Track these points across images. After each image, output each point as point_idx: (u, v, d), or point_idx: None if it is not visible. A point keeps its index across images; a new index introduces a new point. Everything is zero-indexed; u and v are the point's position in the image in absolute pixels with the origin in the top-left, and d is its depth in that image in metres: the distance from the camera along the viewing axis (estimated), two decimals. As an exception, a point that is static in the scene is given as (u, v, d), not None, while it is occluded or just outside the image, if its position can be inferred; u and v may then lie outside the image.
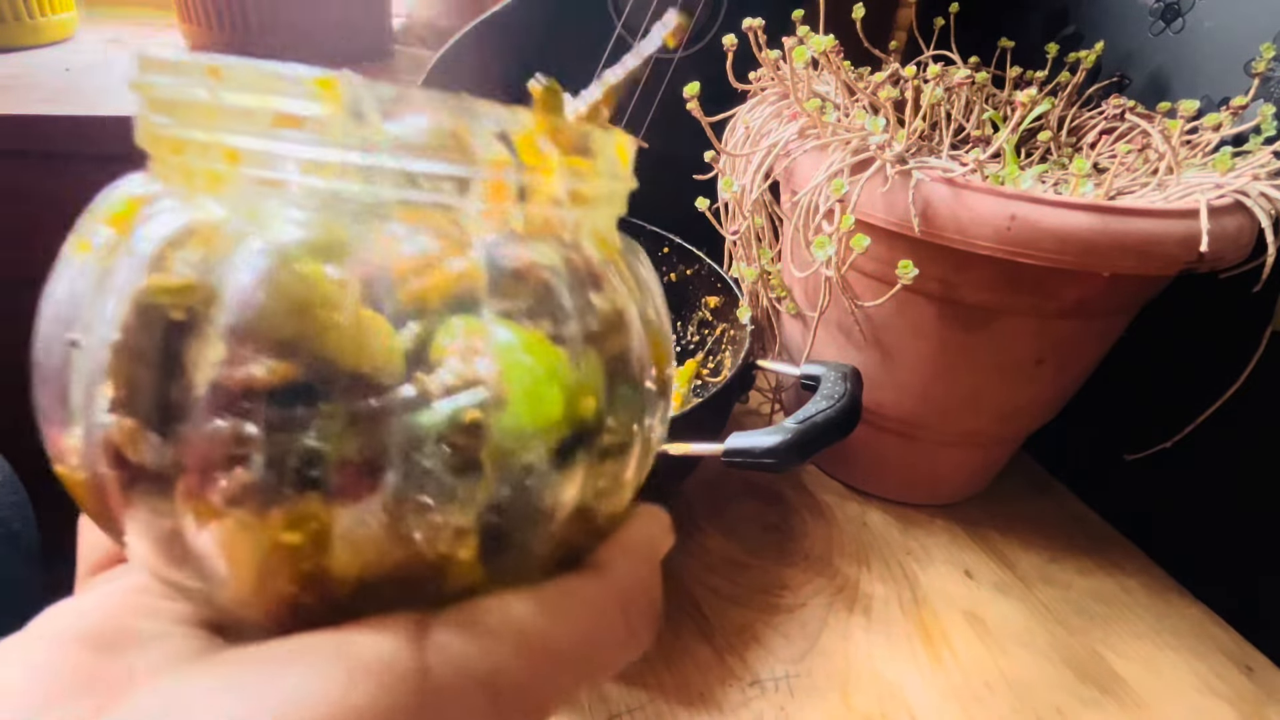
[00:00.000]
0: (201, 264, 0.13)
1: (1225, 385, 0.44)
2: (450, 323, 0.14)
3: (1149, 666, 0.45)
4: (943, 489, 0.55)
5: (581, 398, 0.15)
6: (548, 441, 0.15)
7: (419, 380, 0.14)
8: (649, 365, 0.18)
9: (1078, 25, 0.57)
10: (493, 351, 0.14)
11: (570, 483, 0.16)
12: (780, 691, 0.41)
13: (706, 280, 0.56)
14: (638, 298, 0.18)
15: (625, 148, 0.18)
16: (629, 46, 0.58)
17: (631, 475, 0.18)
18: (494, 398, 0.14)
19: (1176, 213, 0.37)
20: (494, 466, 0.14)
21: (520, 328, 0.15)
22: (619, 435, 0.17)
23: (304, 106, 0.14)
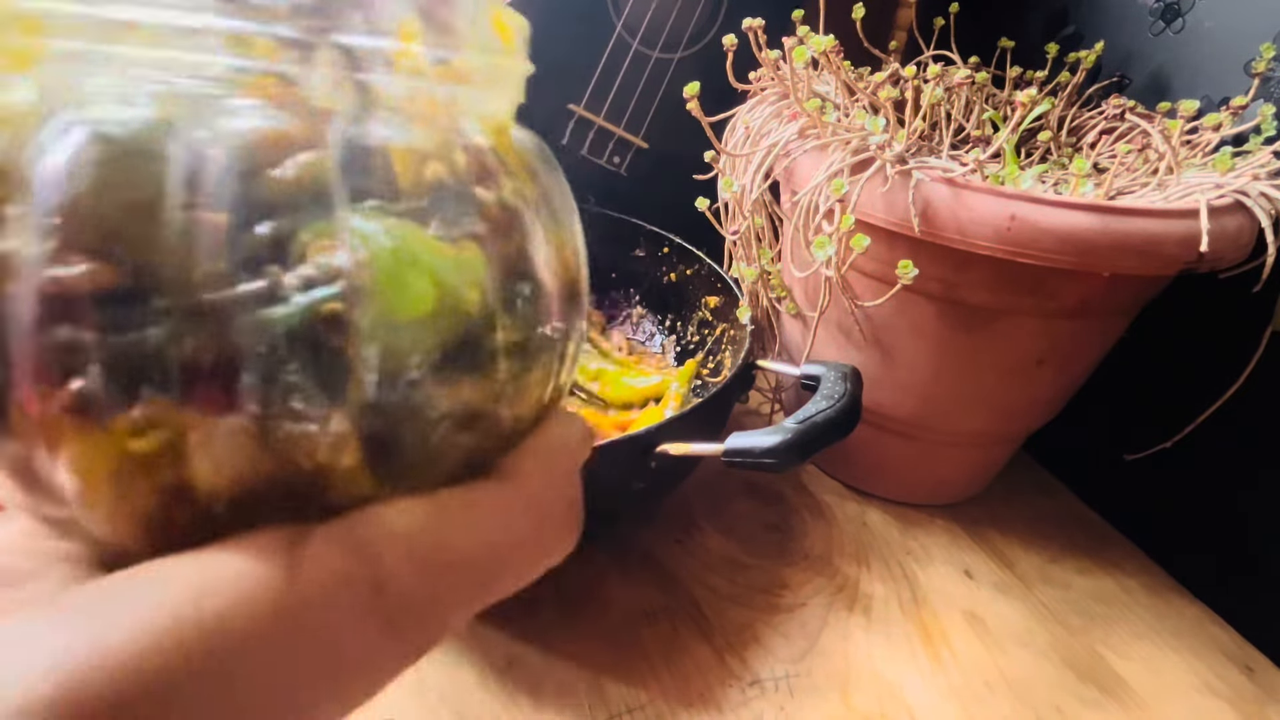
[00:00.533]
0: (6, 149, 0.12)
1: (1225, 385, 0.44)
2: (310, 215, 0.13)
3: (1149, 666, 0.45)
4: (943, 489, 0.55)
5: (462, 291, 0.14)
6: (426, 337, 0.13)
7: (270, 273, 0.12)
8: (552, 266, 0.16)
9: (1078, 25, 0.57)
10: (354, 239, 0.13)
11: (459, 383, 0.14)
12: (780, 691, 0.41)
13: (706, 280, 0.56)
14: (534, 196, 0.16)
15: (503, 20, 0.16)
16: (629, 46, 0.58)
17: (538, 378, 0.16)
18: (355, 288, 0.13)
19: (1176, 213, 0.37)
20: (365, 364, 0.13)
21: (387, 217, 0.13)
22: (516, 334, 0.15)
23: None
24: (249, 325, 0.12)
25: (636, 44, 0.58)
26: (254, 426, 0.12)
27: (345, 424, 0.13)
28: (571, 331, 0.17)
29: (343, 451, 0.13)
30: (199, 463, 0.12)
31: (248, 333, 0.12)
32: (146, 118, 0.12)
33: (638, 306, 0.62)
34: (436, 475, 0.15)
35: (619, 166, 0.62)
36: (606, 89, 0.59)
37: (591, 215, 0.60)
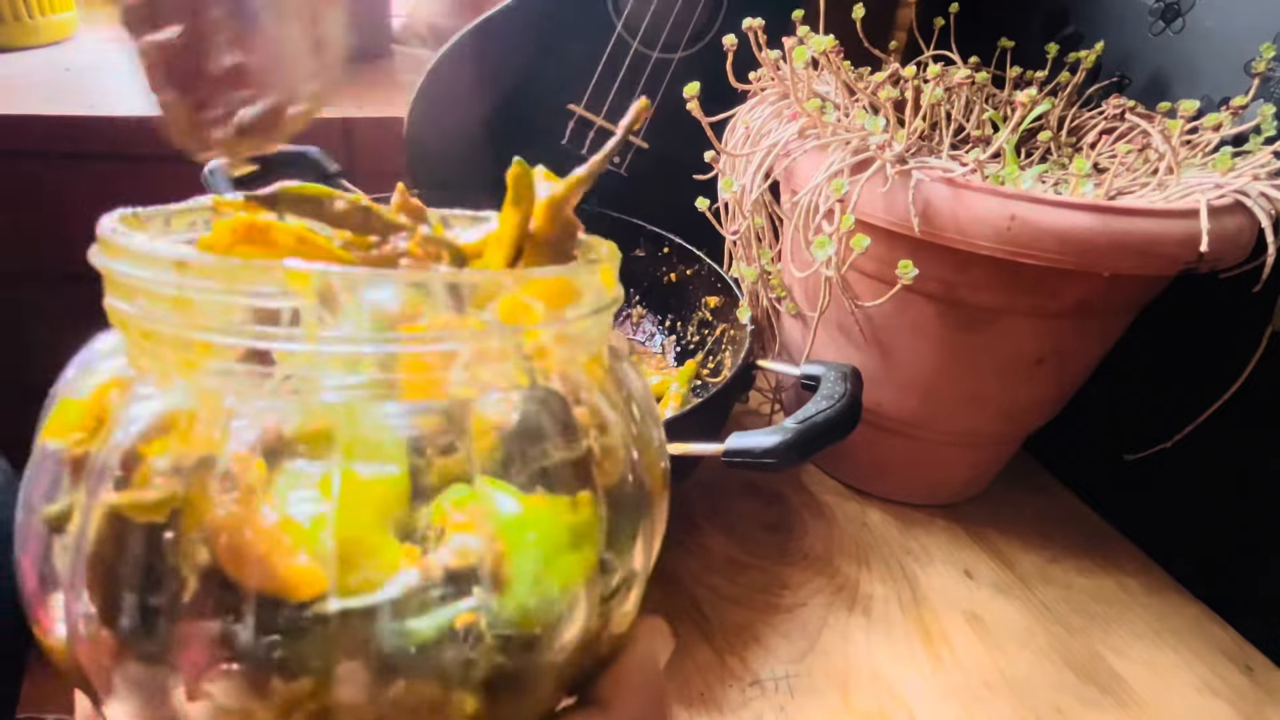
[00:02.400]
0: (178, 464, 0.13)
1: (1225, 385, 0.44)
2: (450, 490, 0.14)
3: (1149, 666, 0.45)
4: (943, 489, 0.55)
5: (583, 556, 0.15)
6: (551, 612, 0.15)
7: (415, 574, 0.14)
8: (644, 483, 0.17)
9: (1078, 25, 0.57)
10: (494, 525, 0.14)
11: (571, 633, 0.16)
12: (780, 691, 0.41)
13: (706, 280, 0.56)
14: (626, 413, 0.17)
15: (610, 270, 0.17)
16: (629, 46, 0.58)
17: (633, 604, 0.18)
18: (492, 585, 0.14)
19: (1176, 213, 0.37)
20: (491, 648, 0.14)
21: (523, 494, 0.15)
22: (620, 574, 0.17)
23: (278, 301, 0.13)
24: (394, 631, 0.13)
25: (636, 44, 0.58)
26: (385, 703, 0.14)
27: (467, 692, 0.14)
28: (659, 528, 0.19)
29: (463, 706, 0.15)
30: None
31: (392, 637, 0.13)
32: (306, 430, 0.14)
33: (638, 306, 0.62)
34: (542, 703, 0.16)
35: (619, 166, 0.62)
36: (606, 89, 0.59)
37: (591, 215, 0.60)
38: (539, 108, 0.59)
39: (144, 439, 0.13)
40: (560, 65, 0.58)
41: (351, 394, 0.14)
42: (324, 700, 0.13)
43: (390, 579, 0.14)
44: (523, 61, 0.57)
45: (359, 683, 0.13)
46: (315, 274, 0.13)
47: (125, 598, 0.13)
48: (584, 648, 0.16)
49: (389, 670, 0.14)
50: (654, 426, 0.19)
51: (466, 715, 0.15)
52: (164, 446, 0.13)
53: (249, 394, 0.14)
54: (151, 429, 0.13)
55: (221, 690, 0.13)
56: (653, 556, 0.18)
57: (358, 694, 0.13)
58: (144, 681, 0.13)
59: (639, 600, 0.18)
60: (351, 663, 0.13)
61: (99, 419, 0.14)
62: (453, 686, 0.14)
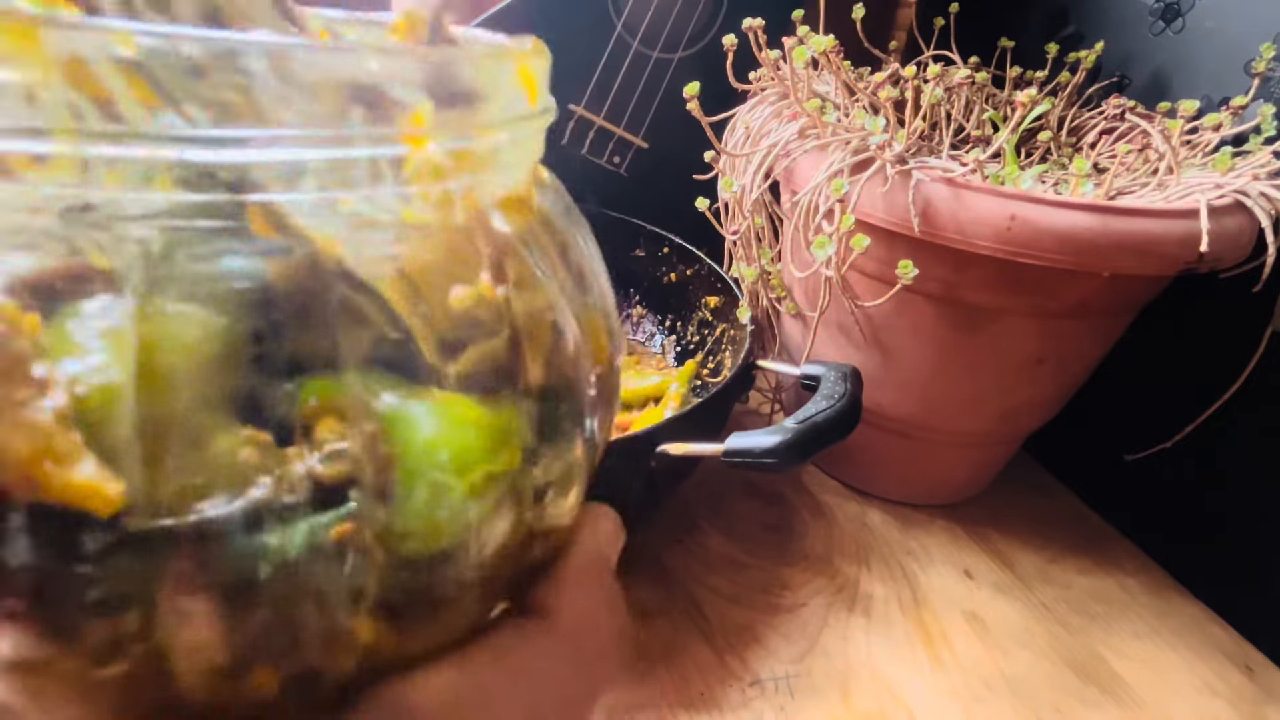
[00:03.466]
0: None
1: (1225, 385, 0.44)
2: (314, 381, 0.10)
3: (1149, 666, 0.45)
4: (943, 489, 0.55)
5: (498, 456, 0.12)
6: (455, 522, 0.12)
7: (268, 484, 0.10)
8: (586, 367, 0.14)
9: (1078, 25, 0.57)
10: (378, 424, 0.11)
11: (490, 541, 0.13)
12: (780, 691, 0.41)
13: (706, 280, 0.56)
14: (563, 275, 0.14)
15: (530, 68, 0.13)
16: (629, 46, 0.58)
17: (575, 494, 0.15)
18: (375, 495, 0.11)
19: (1176, 213, 0.37)
20: (382, 564, 0.11)
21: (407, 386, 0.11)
22: (553, 472, 0.14)
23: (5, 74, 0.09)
24: (241, 553, 0.10)
25: (636, 44, 0.58)
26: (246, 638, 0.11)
27: (354, 617, 0.11)
28: (607, 422, 0.15)
29: (355, 631, 0.12)
30: (190, 678, 0.11)
31: (239, 560, 0.10)
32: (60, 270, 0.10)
33: (638, 306, 0.62)
34: (465, 622, 0.13)
35: (619, 166, 0.62)
36: (606, 89, 0.59)
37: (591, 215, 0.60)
38: (539, 108, 0.59)
39: None
40: (560, 65, 0.58)
41: (143, 224, 0.10)
42: (154, 642, 0.10)
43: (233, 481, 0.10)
44: (523, 61, 0.57)
45: (201, 616, 0.10)
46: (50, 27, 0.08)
47: None
48: (512, 552, 0.13)
49: (241, 598, 0.10)
50: (597, 291, 0.15)
51: (364, 645, 0.12)
52: None
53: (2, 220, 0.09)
54: None
55: (8, 638, 0.10)
56: (599, 444, 0.15)
57: (202, 631, 0.10)
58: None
59: (581, 493, 0.15)
60: (185, 592, 0.10)
61: None
62: (337, 614, 0.11)
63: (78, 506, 0.09)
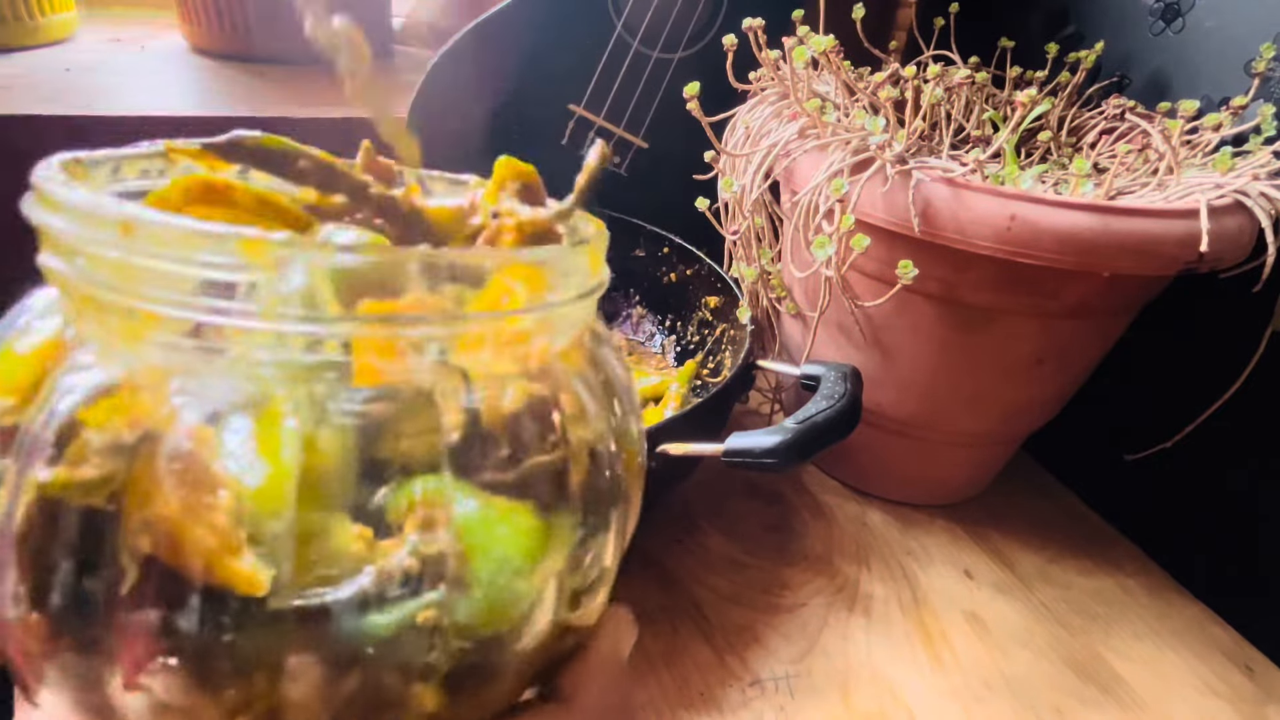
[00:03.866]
0: (118, 441, 0.12)
1: (1225, 385, 0.44)
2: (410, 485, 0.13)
3: (1149, 666, 0.45)
4: (943, 489, 0.55)
5: (551, 559, 0.14)
6: (513, 613, 0.14)
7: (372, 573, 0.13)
8: (620, 477, 0.16)
9: (1078, 25, 0.57)
10: (456, 525, 0.13)
11: (535, 631, 0.15)
12: (780, 691, 0.41)
13: (706, 280, 0.56)
14: (605, 402, 0.16)
15: (596, 252, 0.16)
16: (629, 46, 0.58)
17: (602, 599, 0.17)
18: (455, 586, 0.13)
19: (1176, 213, 0.37)
20: (453, 646, 0.14)
21: (487, 495, 0.14)
22: (591, 575, 0.16)
23: (233, 274, 0.12)
24: (351, 628, 0.13)
25: (636, 44, 0.58)
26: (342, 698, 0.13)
27: (425, 689, 0.14)
28: (630, 523, 0.18)
29: (425, 701, 0.14)
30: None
31: (348, 634, 0.13)
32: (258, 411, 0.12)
33: (638, 307, 0.62)
34: (505, 697, 0.16)
35: (619, 166, 0.62)
36: (606, 89, 0.59)
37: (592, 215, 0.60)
38: (539, 108, 0.59)
39: (82, 412, 0.12)
40: (560, 65, 0.58)
41: (309, 375, 0.13)
42: (274, 698, 0.13)
43: (345, 569, 0.13)
44: (523, 61, 0.57)
45: (312, 680, 0.13)
46: (274, 244, 0.12)
47: (58, 581, 0.12)
48: (549, 643, 0.16)
49: (344, 666, 0.13)
50: (633, 417, 0.18)
51: (426, 711, 0.14)
52: (104, 421, 0.12)
53: (197, 371, 0.12)
54: (90, 401, 0.12)
55: (162, 685, 0.12)
56: (624, 549, 0.18)
57: (310, 691, 0.13)
58: (77, 670, 0.13)
59: (608, 594, 0.18)
60: (304, 659, 0.12)
61: (33, 385, 0.13)
62: (411, 682, 0.13)
63: (237, 588, 0.12)
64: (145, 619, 0.12)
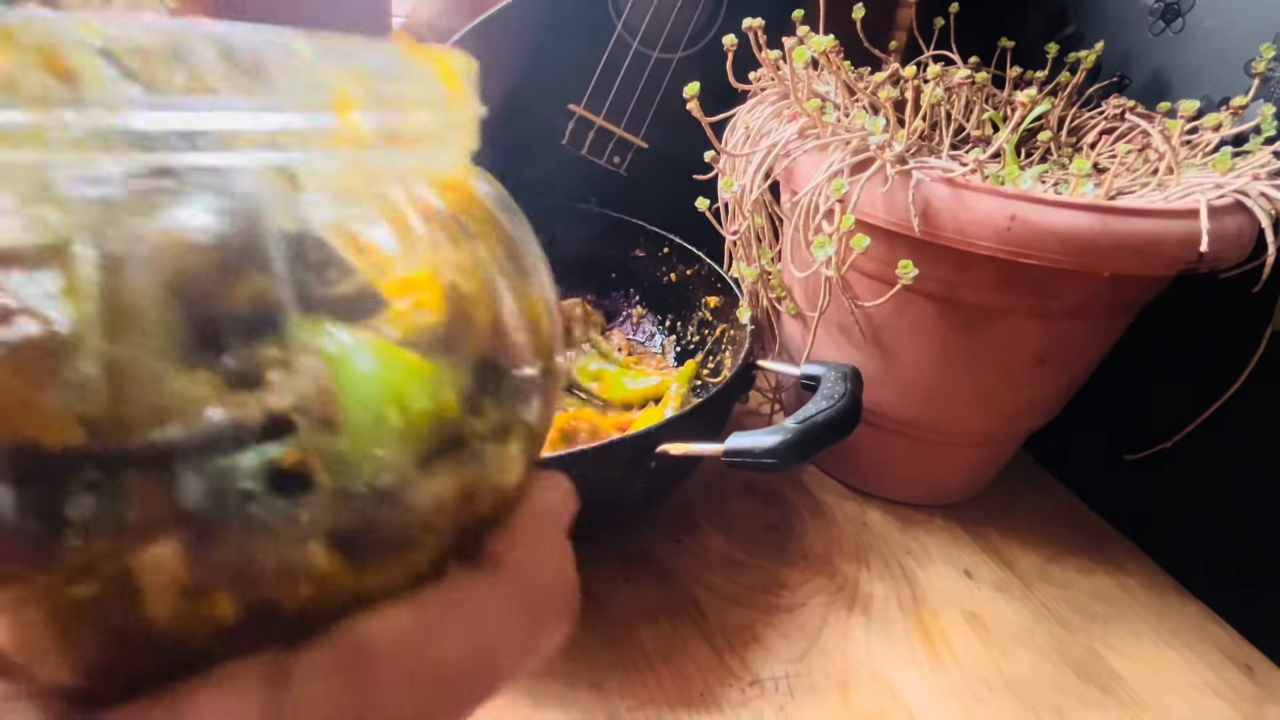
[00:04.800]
0: None
1: (1225, 385, 0.44)
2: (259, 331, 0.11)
3: (1149, 666, 0.45)
4: (943, 489, 0.55)
5: (436, 398, 0.13)
6: (397, 455, 0.13)
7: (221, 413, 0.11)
8: (525, 328, 0.15)
9: (1078, 25, 0.57)
10: (311, 358, 0.12)
11: (433, 486, 0.13)
12: (780, 691, 0.41)
13: (706, 280, 0.56)
14: (500, 255, 0.15)
15: (449, 65, 0.15)
16: (629, 46, 0.58)
17: (518, 449, 0.15)
18: (320, 424, 0.12)
19: (1176, 213, 0.37)
20: (329, 494, 0.12)
21: (346, 326, 0.12)
22: (495, 417, 0.14)
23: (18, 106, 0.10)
24: (199, 476, 0.11)
25: (636, 44, 0.58)
26: (207, 561, 0.11)
27: (308, 548, 0.12)
28: (549, 390, 0.16)
29: (310, 562, 0.12)
30: (154, 602, 0.11)
31: (198, 483, 0.11)
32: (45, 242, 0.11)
33: (638, 307, 0.62)
34: (418, 564, 0.14)
35: (619, 166, 0.62)
36: (606, 89, 0.59)
37: (592, 215, 0.60)
38: (539, 108, 0.59)
39: None
40: (560, 65, 0.58)
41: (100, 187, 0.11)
42: (118, 564, 0.11)
43: (189, 414, 0.11)
44: (523, 61, 0.57)
45: (161, 539, 0.11)
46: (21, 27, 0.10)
47: None
48: (458, 502, 0.14)
49: (198, 523, 0.11)
50: (538, 282, 0.16)
51: (319, 576, 0.12)
52: None
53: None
54: None
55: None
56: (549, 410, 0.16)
57: (162, 552, 0.11)
58: None
59: (527, 451, 0.16)
60: (148, 514, 0.11)
61: None
62: (290, 544, 0.12)
63: (50, 437, 0.10)
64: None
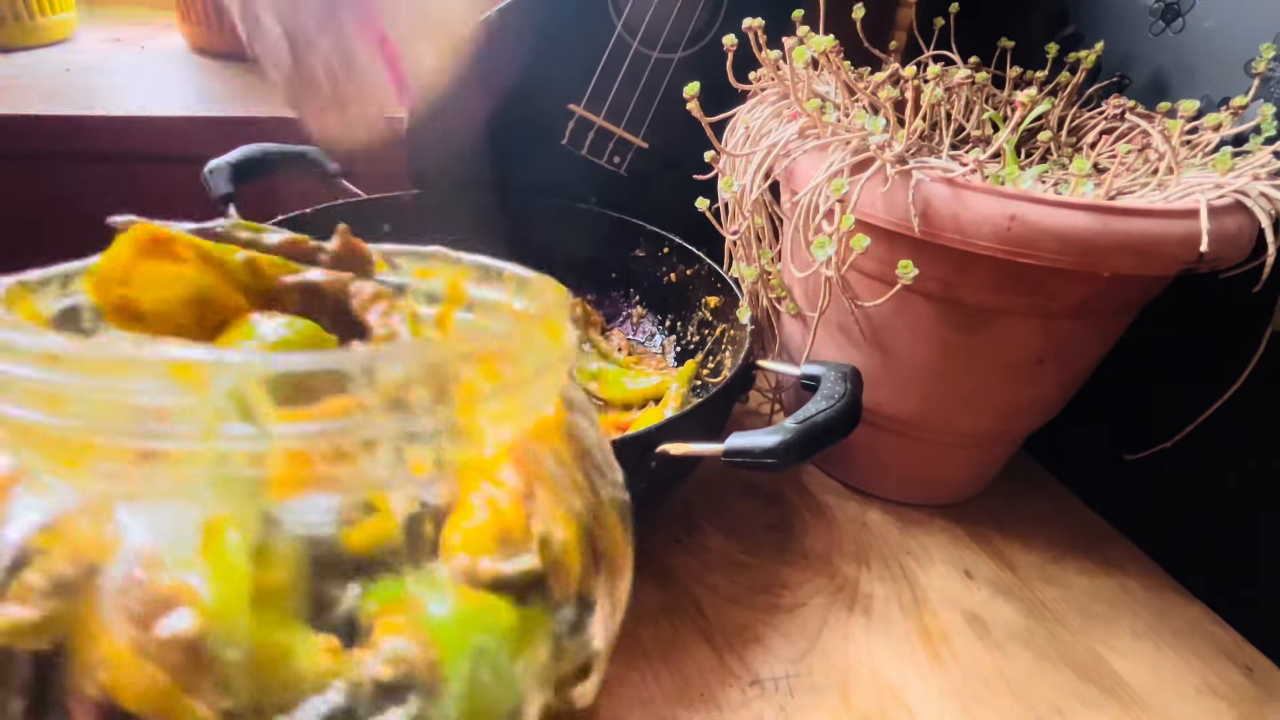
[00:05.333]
0: (61, 580, 0.12)
1: (1225, 385, 0.44)
2: (375, 587, 0.13)
3: (1149, 666, 0.45)
4: (943, 489, 0.55)
5: (532, 653, 0.14)
6: (497, 712, 0.13)
7: (342, 689, 0.12)
8: (603, 555, 0.16)
9: (1078, 25, 0.57)
10: (430, 630, 0.13)
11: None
12: (780, 691, 0.41)
13: (706, 280, 0.56)
14: (583, 480, 0.16)
15: (554, 320, 0.15)
16: (629, 46, 0.58)
17: (594, 684, 0.16)
18: (428, 693, 0.13)
19: (1176, 213, 0.37)
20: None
21: (462, 590, 0.13)
22: (578, 660, 0.15)
23: (165, 399, 0.11)
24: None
25: (636, 44, 0.58)
26: None
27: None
28: (621, 600, 0.17)
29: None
30: None
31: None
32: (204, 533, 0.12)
33: (638, 307, 0.62)
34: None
35: (619, 166, 0.62)
36: (606, 89, 0.59)
37: (592, 215, 0.60)
38: (539, 108, 0.59)
39: (27, 545, 0.12)
40: (560, 65, 0.58)
41: (253, 489, 0.12)
42: None
43: (313, 687, 0.12)
44: (523, 61, 0.57)
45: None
46: (204, 364, 0.12)
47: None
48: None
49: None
50: (611, 485, 0.17)
51: None
52: (48, 554, 0.12)
53: (139, 495, 0.12)
54: (34, 534, 0.12)
55: None
56: (617, 623, 0.17)
57: None
58: None
59: (602, 676, 0.17)
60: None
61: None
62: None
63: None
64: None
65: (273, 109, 0.59)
